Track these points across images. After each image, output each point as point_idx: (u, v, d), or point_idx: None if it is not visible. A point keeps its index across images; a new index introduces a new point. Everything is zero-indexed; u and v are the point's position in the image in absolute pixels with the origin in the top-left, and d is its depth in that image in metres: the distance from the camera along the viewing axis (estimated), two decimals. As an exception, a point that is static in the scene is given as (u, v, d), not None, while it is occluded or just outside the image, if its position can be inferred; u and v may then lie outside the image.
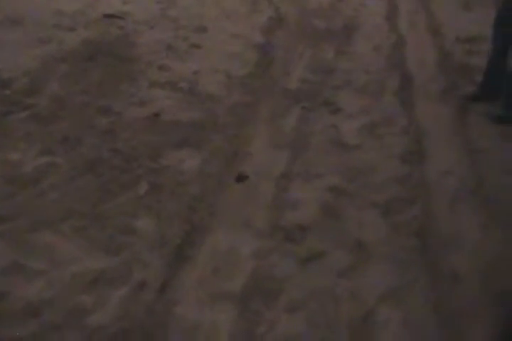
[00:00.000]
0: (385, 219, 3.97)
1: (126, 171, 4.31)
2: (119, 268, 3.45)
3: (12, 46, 6.00)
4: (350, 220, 3.96)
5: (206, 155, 4.53)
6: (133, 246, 3.62)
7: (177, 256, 3.58)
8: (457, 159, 4.63)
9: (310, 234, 3.81)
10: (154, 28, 6.76)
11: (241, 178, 4.34)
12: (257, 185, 4.28)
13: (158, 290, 3.33)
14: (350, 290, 3.39)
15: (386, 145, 4.80)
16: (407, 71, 6.05)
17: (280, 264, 3.55)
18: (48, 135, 4.64)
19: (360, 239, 3.78)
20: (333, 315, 3.22)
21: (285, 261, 3.58)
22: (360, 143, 4.82)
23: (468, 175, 4.43)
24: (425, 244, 3.74)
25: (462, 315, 3.24)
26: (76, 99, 5.14)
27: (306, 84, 5.78)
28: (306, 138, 4.87)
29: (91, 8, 7.15)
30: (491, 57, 5.39)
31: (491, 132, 4.98)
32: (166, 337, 3.06)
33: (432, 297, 3.35)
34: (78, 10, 7.03)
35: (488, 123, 5.09)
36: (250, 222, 3.90)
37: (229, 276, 3.45)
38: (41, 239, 3.62)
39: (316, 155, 4.64)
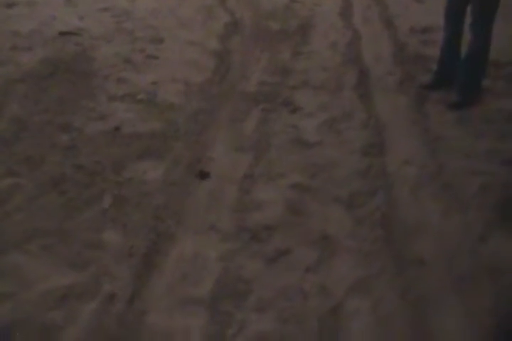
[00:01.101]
0: (349, 213, 4.02)
1: (90, 186, 4.30)
2: (88, 283, 3.44)
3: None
4: (314, 216, 4.00)
5: (168, 164, 4.54)
6: (100, 260, 3.62)
7: (145, 266, 3.59)
8: (417, 148, 4.70)
9: (276, 233, 3.84)
10: (111, 41, 6.76)
11: (203, 175, 4.42)
12: (220, 188, 4.31)
13: (128, 300, 3.34)
14: (319, 284, 3.42)
15: (346, 140, 4.85)
16: (363, 65, 6.12)
17: (247, 265, 3.57)
18: (10, 156, 4.62)
19: (326, 233, 3.82)
20: (302, 310, 3.25)
21: (252, 261, 3.60)
22: (321, 139, 4.87)
23: (428, 162, 4.49)
24: (389, 233, 3.79)
25: (429, 300, 3.30)
26: (36, 119, 5.13)
27: (264, 86, 5.82)
28: (267, 138, 4.91)
29: (47, 26, 7.14)
30: (443, 46, 5.46)
31: (448, 119, 5.07)
32: (139, 346, 3.04)
33: (399, 284, 3.40)
34: (34, 29, 7.02)
35: (445, 111, 5.18)
36: (216, 225, 3.92)
37: (197, 281, 3.46)
38: (8, 260, 3.60)
39: (277, 155, 4.68)
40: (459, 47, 5.37)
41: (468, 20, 5.16)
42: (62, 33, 6.92)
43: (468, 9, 5.15)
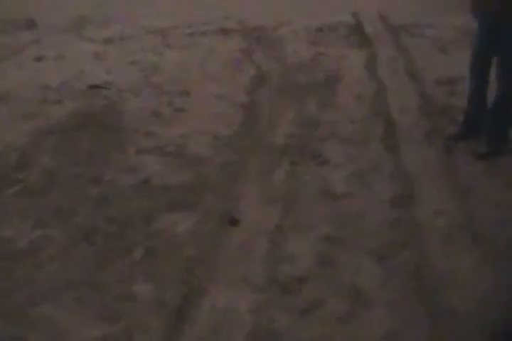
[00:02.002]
0: (380, 264, 4.04)
1: (122, 238, 4.38)
2: (120, 335, 3.49)
3: (-1, 123, 6.06)
4: (345, 268, 4.02)
5: (199, 216, 4.60)
6: (132, 312, 3.67)
7: (176, 318, 3.62)
8: (446, 199, 4.72)
9: (307, 285, 3.87)
10: (139, 95, 6.88)
11: (234, 222, 4.52)
12: (251, 240, 4.35)
13: (159, 353, 3.35)
14: (351, 336, 3.44)
15: (375, 192, 4.88)
16: (390, 117, 6.17)
17: (279, 317, 3.59)
18: (41, 208, 4.72)
19: (357, 285, 3.84)
20: (335, 362, 3.22)
21: (284, 313, 3.62)
22: (349, 191, 4.91)
23: (458, 213, 4.51)
24: (421, 284, 3.81)
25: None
26: (67, 171, 5.23)
27: (292, 138, 5.87)
28: (296, 190, 4.95)
29: (76, 80, 7.31)
30: (469, 97, 5.51)
31: (477, 169, 5.09)
32: None
33: (431, 336, 3.42)
34: (63, 82, 7.19)
35: (473, 161, 5.20)
36: (247, 277, 3.95)
37: (229, 334, 3.49)
38: (40, 311, 3.67)
39: (307, 207, 4.72)
40: (485, 97, 5.42)
41: (494, 70, 5.19)
42: (91, 87, 7.07)
43: (494, 59, 5.18)
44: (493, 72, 5.27)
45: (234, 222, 4.53)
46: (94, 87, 7.07)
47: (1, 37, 9.41)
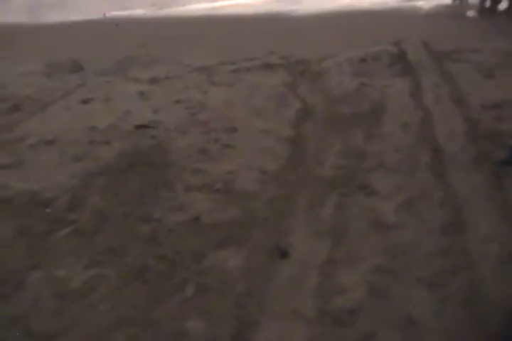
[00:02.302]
0: (432, 293, 4.03)
1: (173, 275, 4.42)
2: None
3: (49, 166, 6.25)
4: (397, 298, 4.02)
5: (248, 252, 4.63)
6: (186, 348, 3.68)
7: (230, 353, 3.61)
8: (497, 225, 4.69)
9: (359, 317, 3.88)
10: (185, 133, 6.94)
11: (283, 254, 4.57)
12: (301, 273, 4.37)
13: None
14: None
15: (425, 220, 4.87)
16: (437, 144, 6.15)
17: (333, 349, 3.55)
18: (92, 248, 4.79)
19: (410, 315, 3.84)
20: None
21: (337, 345, 3.58)
22: (399, 221, 4.90)
23: (510, 239, 4.48)
24: (474, 312, 3.79)
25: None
26: (117, 210, 5.30)
27: (339, 170, 5.89)
28: (345, 222, 4.97)
29: (123, 121, 7.41)
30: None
31: (526, 195, 5.01)
32: None
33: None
34: (110, 124, 7.29)
35: (523, 186, 5.11)
36: (299, 311, 3.97)
37: (284, 367, 3.46)
38: (94, 350, 3.71)
39: (356, 239, 4.73)
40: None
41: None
42: (138, 127, 7.17)
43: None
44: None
45: (284, 255, 4.57)
46: (141, 126, 7.16)
47: (48, 80, 9.62)
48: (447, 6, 15.36)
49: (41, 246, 4.87)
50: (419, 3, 15.72)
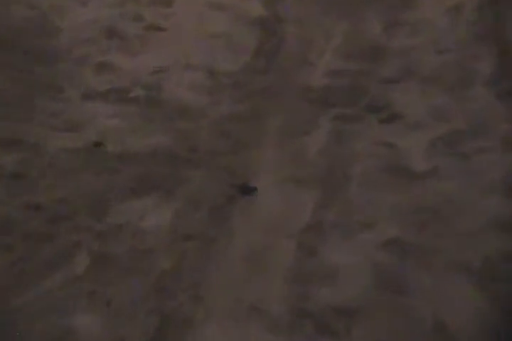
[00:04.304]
0: (482, 290, 3.57)
1: (52, 238, 3.97)
2: None
3: None
4: (422, 294, 3.65)
5: (179, 204, 4.18)
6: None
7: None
8: None
9: (358, 322, 3.56)
10: (87, 3, 6.16)
11: (248, 190, 4.22)
12: (269, 245, 3.95)
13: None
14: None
15: (477, 170, 4.36)
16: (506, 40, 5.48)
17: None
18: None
19: (441, 322, 3.55)
20: None
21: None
22: (434, 168, 4.37)
23: None
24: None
25: None
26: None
27: (338, 78, 5.31)
28: (344, 165, 4.46)
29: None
30: None
31: None
32: None
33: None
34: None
35: None
36: (259, 307, 3.64)
37: None
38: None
39: (360, 193, 4.26)
40: None
41: None
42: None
43: None
44: None
45: (248, 190, 4.22)
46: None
47: None
48: None
49: None
50: None
